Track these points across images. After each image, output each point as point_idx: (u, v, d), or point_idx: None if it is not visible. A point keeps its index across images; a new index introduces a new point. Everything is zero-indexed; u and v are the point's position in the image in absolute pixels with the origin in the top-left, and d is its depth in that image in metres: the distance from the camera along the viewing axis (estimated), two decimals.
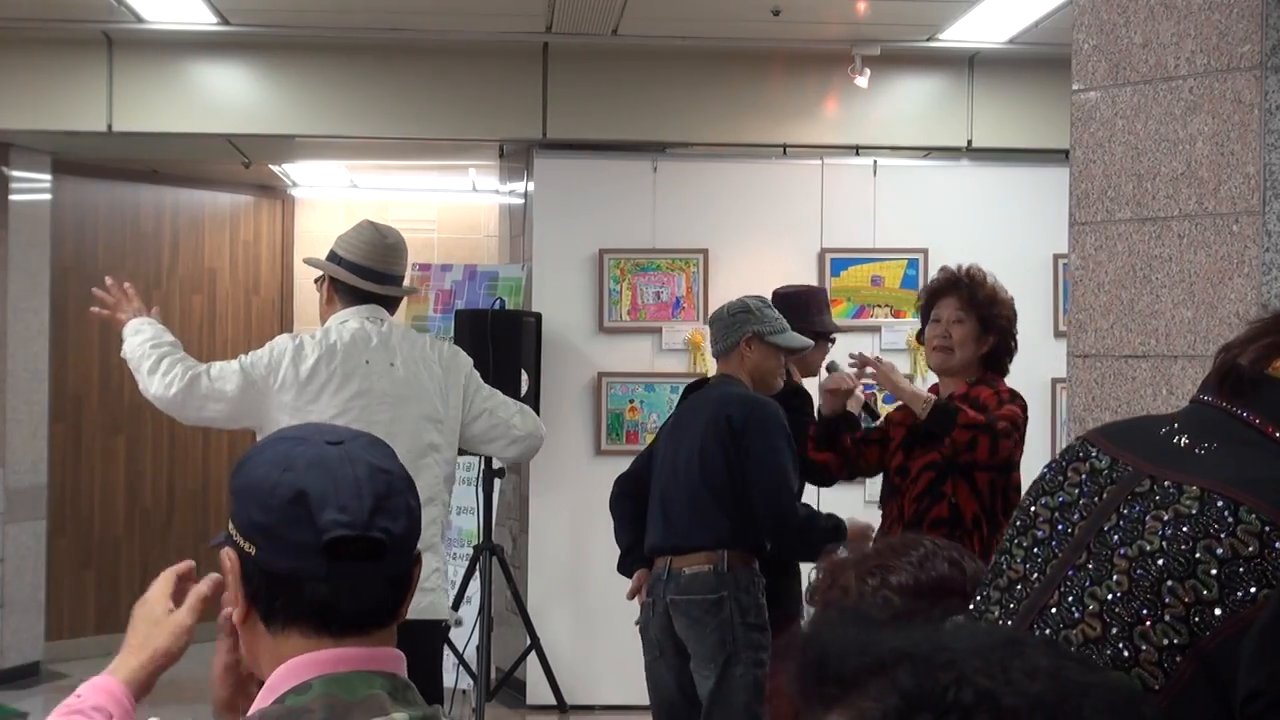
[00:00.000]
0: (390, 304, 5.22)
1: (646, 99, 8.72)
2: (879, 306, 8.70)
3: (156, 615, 2.14)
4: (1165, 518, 1.74)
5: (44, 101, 8.50)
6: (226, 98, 8.69)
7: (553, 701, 8.05)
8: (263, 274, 11.46)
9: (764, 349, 5.63)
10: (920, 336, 5.62)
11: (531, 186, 8.89)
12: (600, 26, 8.13)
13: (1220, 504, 1.71)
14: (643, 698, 6.09)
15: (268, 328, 11.29)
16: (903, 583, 2.31)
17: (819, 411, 5.51)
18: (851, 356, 5.58)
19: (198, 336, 10.87)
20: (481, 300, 8.62)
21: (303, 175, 11.29)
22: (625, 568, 5.92)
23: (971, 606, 1.96)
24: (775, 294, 6.26)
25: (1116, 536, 1.78)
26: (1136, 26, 3.23)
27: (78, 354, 10.04)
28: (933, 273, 8.50)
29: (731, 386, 5.55)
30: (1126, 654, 1.70)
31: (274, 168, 10.90)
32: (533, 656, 7.93)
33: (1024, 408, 5.23)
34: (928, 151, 9.07)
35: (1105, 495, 1.84)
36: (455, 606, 7.84)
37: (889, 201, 8.70)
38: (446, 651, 7.79)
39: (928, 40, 8.35)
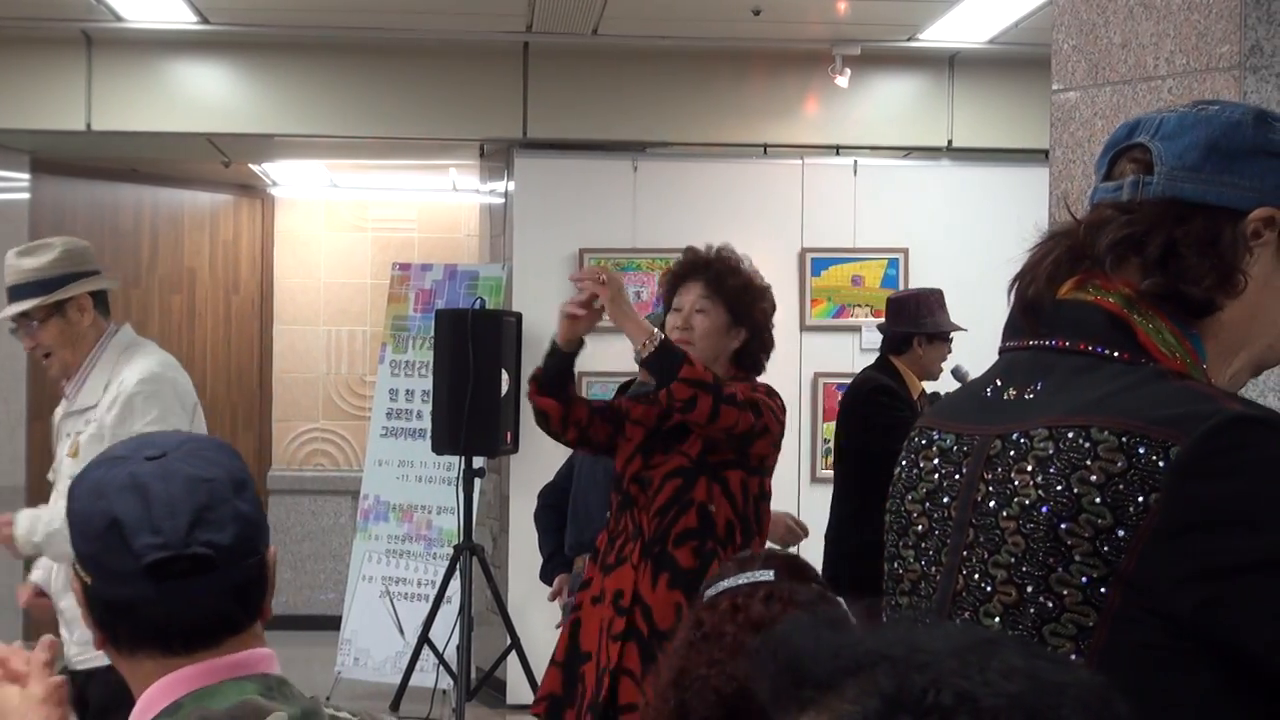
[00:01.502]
0: None
1: (627, 99, 8.72)
2: (859, 306, 8.71)
3: (12, 705, 2.07)
4: (1029, 468, 1.75)
5: (22, 100, 8.47)
6: (206, 97, 8.67)
7: (533, 701, 8.04)
8: (242, 273, 11.44)
9: None
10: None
11: (512, 186, 8.88)
12: (580, 26, 8.12)
13: (1071, 434, 1.73)
14: None
15: (247, 327, 11.28)
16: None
17: (552, 341, 4.58)
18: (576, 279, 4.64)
19: (177, 336, 10.84)
20: (462, 300, 8.61)
21: (282, 174, 11.26)
22: (548, 574, 6.03)
23: (884, 620, 1.96)
24: (890, 300, 6.31)
25: (992, 503, 1.79)
26: (1116, 27, 3.23)
27: None
28: (914, 272, 8.59)
29: None
30: (1050, 605, 1.71)
31: (254, 167, 10.87)
32: (513, 656, 7.92)
33: (781, 408, 4.57)
34: (908, 151, 9.08)
35: (965, 470, 1.85)
36: (435, 606, 7.82)
37: (869, 201, 8.71)
38: (427, 651, 7.80)
39: (908, 40, 8.36)
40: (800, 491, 8.32)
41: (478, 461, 7.86)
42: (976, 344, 7.07)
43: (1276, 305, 1.87)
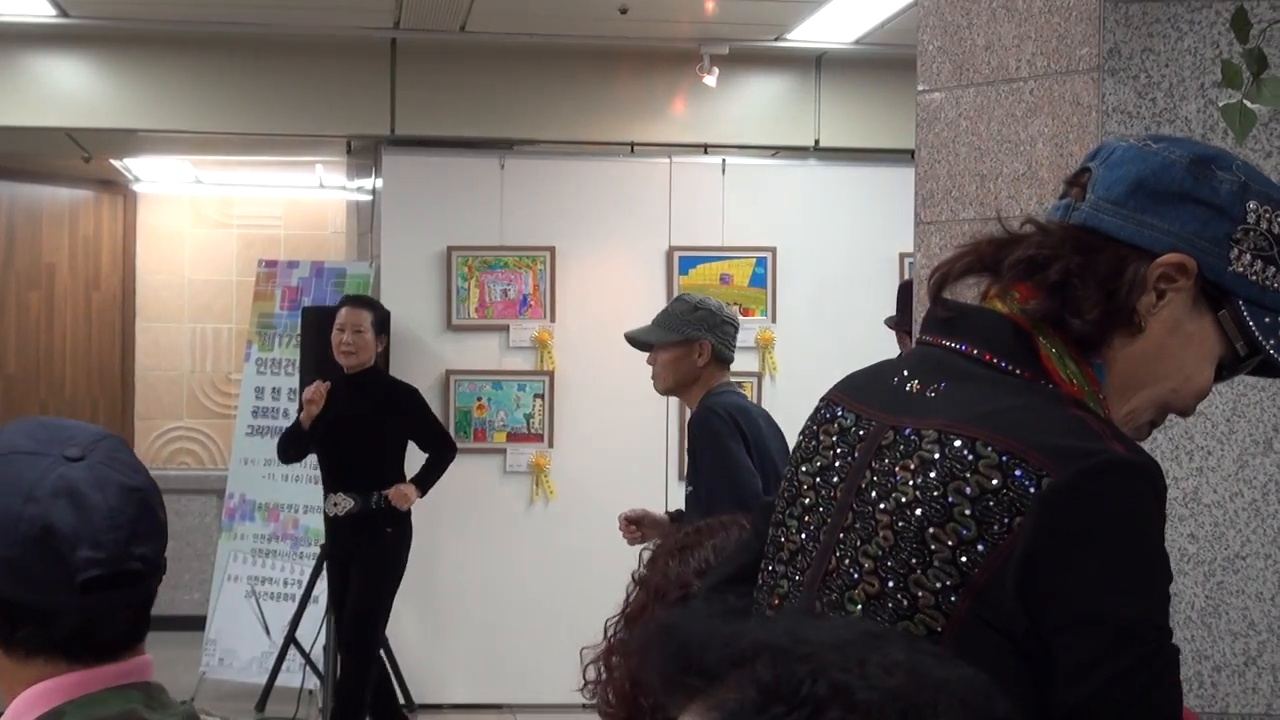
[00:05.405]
0: None
1: (494, 96, 8.69)
2: (728, 304, 8.74)
3: None
4: (912, 466, 1.78)
5: None
6: (66, 91, 8.52)
7: (400, 700, 8.00)
8: (104, 269, 11.27)
9: None
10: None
11: (379, 183, 8.83)
12: (448, 23, 8.09)
13: (958, 444, 1.75)
14: (491, 696, 5.99)
15: (109, 323, 11.12)
16: (699, 566, 2.32)
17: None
18: None
19: (34, 333, 10.66)
20: (329, 297, 8.55)
21: (146, 170, 11.10)
22: None
23: (760, 583, 1.98)
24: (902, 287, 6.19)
25: (874, 493, 1.81)
26: (979, 29, 3.28)
27: None
28: (782, 271, 8.65)
29: None
30: (905, 603, 1.74)
31: (115, 162, 10.70)
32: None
33: None
34: (776, 150, 9.14)
35: (857, 454, 1.87)
36: (302, 606, 7.77)
37: (737, 200, 8.75)
38: (293, 651, 7.73)
39: (775, 40, 8.41)
40: (669, 488, 8.33)
41: None
42: (845, 341, 7.09)
43: (1185, 352, 1.88)
